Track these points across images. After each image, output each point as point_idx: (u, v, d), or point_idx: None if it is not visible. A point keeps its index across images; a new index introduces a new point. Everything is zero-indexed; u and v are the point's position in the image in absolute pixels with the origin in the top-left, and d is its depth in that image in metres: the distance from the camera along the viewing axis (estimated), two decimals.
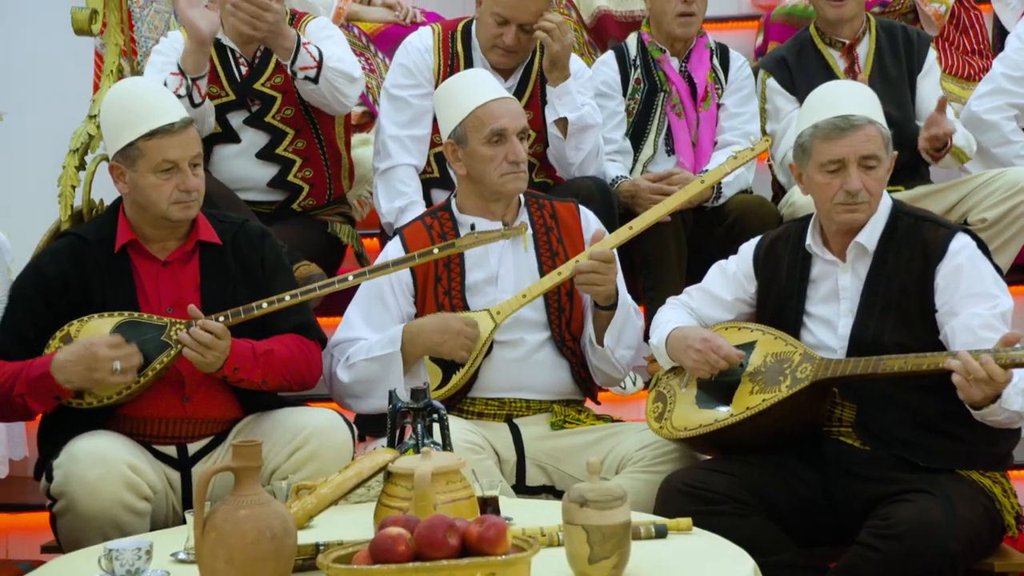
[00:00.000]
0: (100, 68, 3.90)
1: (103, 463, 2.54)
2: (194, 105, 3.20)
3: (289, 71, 3.32)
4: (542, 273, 2.94)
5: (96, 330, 2.61)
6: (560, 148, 3.43)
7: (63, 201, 3.43)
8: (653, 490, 2.66)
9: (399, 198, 3.42)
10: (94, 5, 3.65)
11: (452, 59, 3.46)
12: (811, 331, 2.70)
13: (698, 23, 3.63)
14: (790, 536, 2.59)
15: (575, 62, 3.46)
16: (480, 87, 2.95)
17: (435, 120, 3.36)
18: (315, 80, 3.30)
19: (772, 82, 3.67)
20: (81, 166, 3.47)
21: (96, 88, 3.87)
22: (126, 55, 3.80)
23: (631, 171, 3.62)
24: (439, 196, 3.46)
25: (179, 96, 3.07)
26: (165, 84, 3.11)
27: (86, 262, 2.69)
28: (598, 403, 3.10)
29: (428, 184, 3.50)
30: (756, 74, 3.77)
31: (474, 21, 3.48)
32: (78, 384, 2.56)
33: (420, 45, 3.48)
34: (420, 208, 3.38)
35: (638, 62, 3.65)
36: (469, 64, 3.43)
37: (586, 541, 1.99)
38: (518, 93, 3.40)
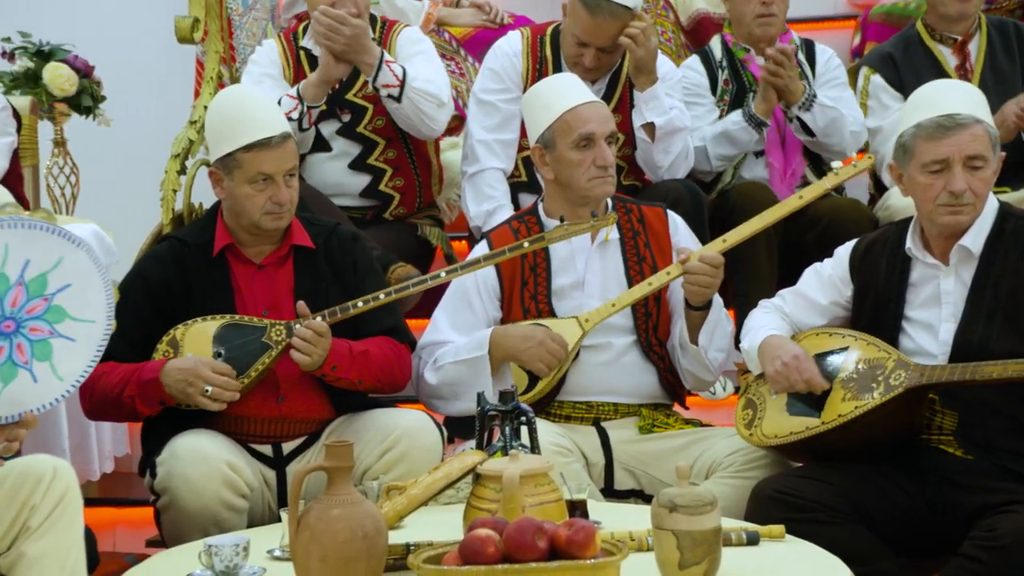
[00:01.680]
0: (201, 75, 4.01)
1: (203, 461, 2.61)
2: (301, 130, 3.27)
3: (371, 87, 3.36)
4: (629, 278, 2.93)
5: (201, 333, 2.68)
6: (648, 152, 3.42)
7: (165, 205, 3.52)
8: (743, 496, 2.64)
9: (487, 201, 3.44)
10: (196, 13, 3.75)
11: (541, 63, 3.47)
12: (910, 336, 2.65)
13: (779, 23, 3.58)
14: (887, 546, 2.54)
15: (664, 64, 3.45)
16: (569, 91, 2.95)
17: (523, 124, 3.38)
18: (398, 99, 3.33)
19: (877, 79, 3.60)
20: (182, 171, 3.57)
21: (197, 95, 3.97)
22: (225, 62, 3.89)
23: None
24: (527, 200, 3.47)
25: (289, 119, 3.10)
26: (279, 103, 3.18)
27: (187, 265, 2.77)
28: (686, 408, 3.08)
29: (516, 188, 3.51)
30: (855, 75, 3.70)
31: (559, 26, 3.49)
32: (174, 394, 2.64)
33: (509, 49, 3.49)
34: (508, 211, 3.40)
35: (724, 63, 3.62)
36: (558, 68, 3.44)
37: (676, 547, 1.98)
38: (606, 97, 3.40)
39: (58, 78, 3.83)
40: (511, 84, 3.47)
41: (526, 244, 2.80)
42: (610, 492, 2.86)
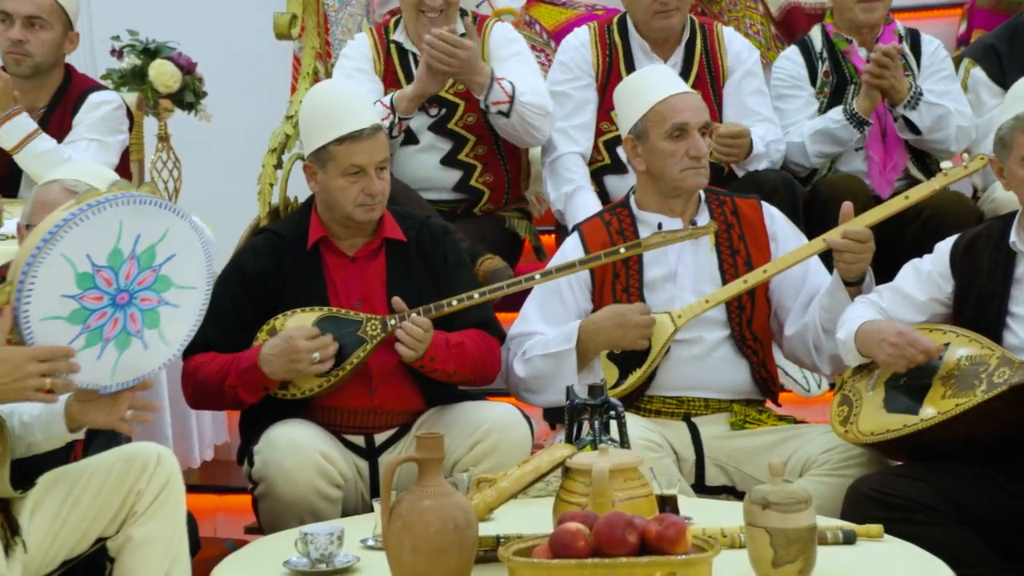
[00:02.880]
0: (297, 71, 4.08)
1: (298, 451, 2.65)
2: (391, 137, 3.30)
3: (482, 105, 3.36)
4: (722, 271, 2.90)
5: (299, 324, 2.72)
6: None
7: (261, 199, 3.59)
8: (839, 494, 2.59)
9: (566, 184, 3.43)
10: (294, 10, 3.81)
11: (610, 49, 3.48)
12: (1015, 332, 2.57)
13: (883, 9, 3.50)
14: (991, 548, 2.47)
15: (752, 76, 3.47)
16: (661, 82, 2.93)
17: (600, 109, 3.38)
18: (507, 115, 3.34)
19: (978, 72, 3.50)
20: (278, 165, 3.63)
21: (293, 90, 4.04)
22: (321, 58, 3.95)
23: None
24: (612, 183, 3.46)
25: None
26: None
27: (282, 257, 2.81)
28: (779, 404, 3.03)
29: (601, 172, 3.50)
30: (958, 64, 3.60)
31: (626, 14, 3.49)
32: (282, 375, 2.68)
33: (576, 42, 3.52)
34: (588, 193, 3.39)
35: (824, 54, 3.55)
36: (628, 53, 3.45)
37: (769, 544, 1.96)
38: (684, 74, 3.38)
39: (163, 75, 3.93)
40: (581, 73, 3.48)
41: (622, 250, 2.80)
42: (701, 488, 2.83)
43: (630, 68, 3.44)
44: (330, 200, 2.80)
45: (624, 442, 2.35)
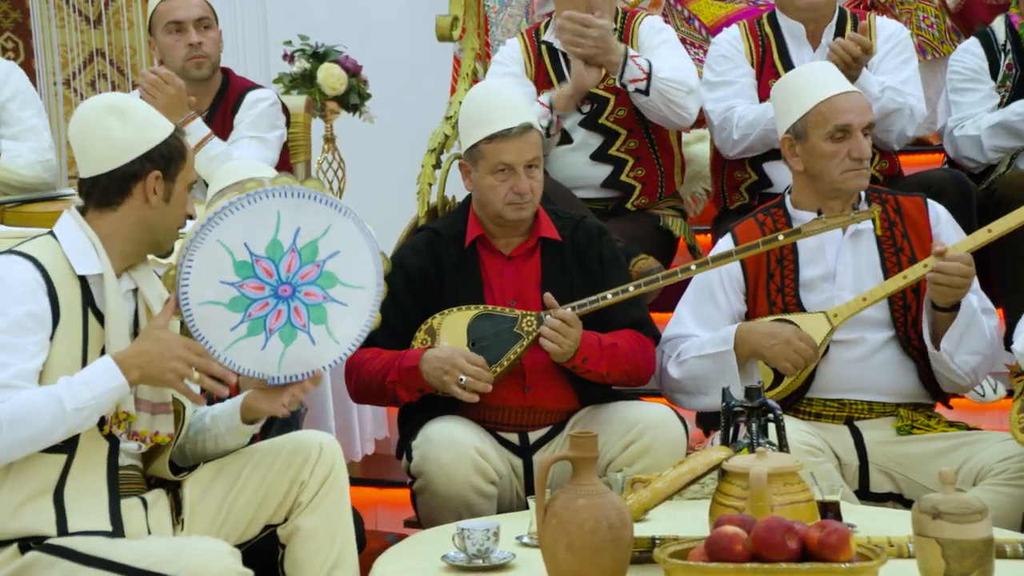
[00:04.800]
0: (457, 71, 4.14)
1: (455, 447, 2.69)
2: (548, 135, 3.32)
3: (618, 84, 3.36)
4: (884, 270, 2.80)
5: (456, 323, 2.77)
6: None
7: (420, 198, 3.66)
8: (1017, 506, 2.48)
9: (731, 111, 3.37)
10: (455, 12, 3.87)
11: (763, 40, 3.44)
12: None
13: None
14: None
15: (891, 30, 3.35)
16: (824, 80, 2.85)
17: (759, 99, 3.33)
18: (646, 92, 3.32)
19: None
20: (437, 164, 3.69)
21: (453, 91, 4.10)
22: (480, 59, 3.99)
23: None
24: (772, 169, 3.38)
25: (540, 126, 3.15)
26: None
27: (441, 256, 2.86)
28: (950, 408, 2.91)
29: (760, 158, 3.42)
30: None
31: (776, 9, 3.45)
32: (431, 381, 2.72)
33: (728, 36, 3.50)
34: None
35: (1008, 47, 3.38)
36: (780, 42, 3.39)
37: (941, 555, 1.88)
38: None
39: (330, 78, 4.05)
40: (739, 61, 3.44)
41: (780, 237, 2.73)
42: (865, 495, 2.74)
43: (783, 57, 3.39)
44: (482, 198, 2.83)
45: (783, 445, 2.30)
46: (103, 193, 2.25)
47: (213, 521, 2.31)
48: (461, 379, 2.68)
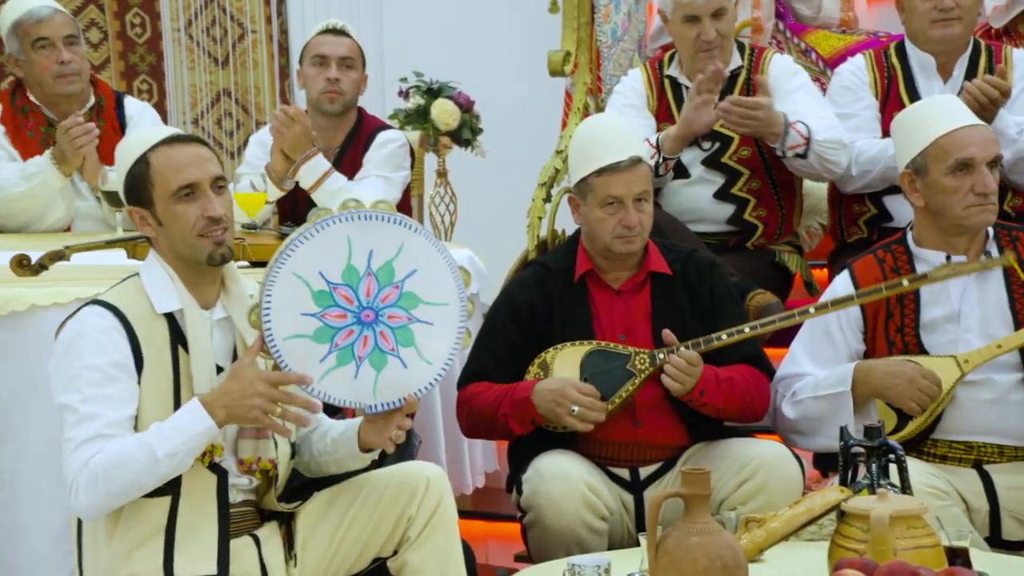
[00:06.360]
0: (568, 106, 4.16)
1: (566, 481, 2.68)
2: (657, 176, 3.30)
3: (778, 152, 3.31)
4: (1014, 312, 2.69)
5: (569, 357, 2.76)
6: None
7: (530, 231, 3.67)
8: None
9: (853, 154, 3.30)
10: (568, 47, 3.89)
11: (888, 71, 3.36)
12: None
13: None
14: None
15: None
16: (945, 113, 2.77)
17: (883, 133, 3.24)
18: (804, 156, 3.28)
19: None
20: (547, 198, 3.71)
21: (564, 125, 4.12)
22: (592, 93, 4.01)
23: None
24: (892, 203, 3.29)
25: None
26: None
27: (550, 290, 2.86)
28: None
29: (881, 192, 3.34)
30: None
31: (905, 40, 3.36)
32: (544, 413, 2.72)
33: (852, 67, 3.42)
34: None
35: None
36: (908, 74, 3.31)
37: None
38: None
39: (443, 113, 4.12)
40: (863, 93, 3.36)
41: (905, 283, 2.66)
42: (996, 542, 2.63)
43: (910, 89, 3.31)
44: (591, 232, 2.83)
45: (906, 487, 2.23)
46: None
47: (324, 554, 2.34)
48: (573, 409, 2.67)
